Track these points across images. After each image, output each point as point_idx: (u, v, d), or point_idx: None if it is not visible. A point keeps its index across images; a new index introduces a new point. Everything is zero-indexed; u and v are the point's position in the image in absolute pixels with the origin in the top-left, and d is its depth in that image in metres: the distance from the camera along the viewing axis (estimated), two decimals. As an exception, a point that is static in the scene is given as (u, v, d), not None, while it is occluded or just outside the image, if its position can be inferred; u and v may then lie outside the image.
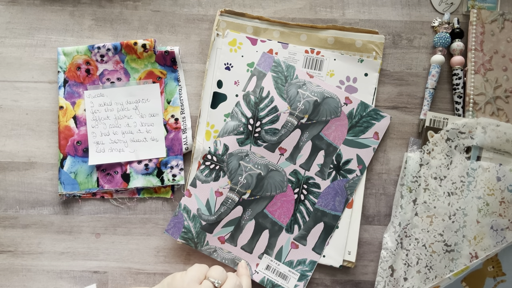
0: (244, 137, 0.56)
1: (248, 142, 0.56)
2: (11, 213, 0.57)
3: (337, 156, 0.55)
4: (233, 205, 0.55)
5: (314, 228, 0.55)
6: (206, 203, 0.55)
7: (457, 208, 0.55)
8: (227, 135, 0.56)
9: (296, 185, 0.55)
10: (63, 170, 0.57)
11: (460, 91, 0.57)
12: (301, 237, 0.55)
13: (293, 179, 0.55)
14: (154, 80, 0.58)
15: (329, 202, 0.55)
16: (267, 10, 0.59)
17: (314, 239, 0.55)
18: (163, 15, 0.59)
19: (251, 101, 0.56)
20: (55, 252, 0.57)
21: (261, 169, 0.55)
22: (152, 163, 0.57)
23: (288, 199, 0.55)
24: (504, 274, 0.51)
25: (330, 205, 0.55)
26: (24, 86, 0.58)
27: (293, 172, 0.55)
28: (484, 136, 0.55)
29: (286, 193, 0.55)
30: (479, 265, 0.51)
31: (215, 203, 0.55)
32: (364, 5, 0.59)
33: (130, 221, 0.58)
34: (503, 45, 0.57)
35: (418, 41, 0.59)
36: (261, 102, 0.56)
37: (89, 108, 0.57)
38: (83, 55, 0.57)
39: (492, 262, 0.51)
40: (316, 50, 0.57)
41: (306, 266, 0.55)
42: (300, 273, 0.54)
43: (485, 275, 0.51)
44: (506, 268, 0.51)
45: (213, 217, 0.55)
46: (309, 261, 0.55)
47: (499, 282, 0.51)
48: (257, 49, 0.58)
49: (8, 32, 0.59)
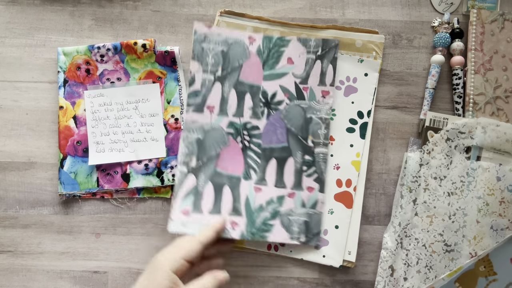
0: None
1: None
2: (11, 213, 0.57)
3: (263, 94, 0.56)
4: (184, 176, 0.54)
5: (268, 167, 0.56)
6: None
7: (457, 208, 0.55)
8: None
9: (236, 135, 0.56)
10: (63, 170, 0.57)
11: (460, 91, 0.57)
12: (260, 179, 0.56)
13: (232, 130, 0.56)
14: (154, 80, 0.58)
15: (272, 137, 0.56)
16: (267, 10, 0.59)
17: (272, 176, 0.56)
18: (163, 15, 0.59)
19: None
20: (55, 252, 0.57)
21: (197, 132, 0.55)
22: (152, 163, 0.57)
23: (234, 150, 0.56)
24: (496, 273, 0.52)
25: (274, 139, 0.56)
26: (24, 86, 0.58)
27: (230, 124, 0.56)
28: (484, 136, 0.55)
29: (230, 146, 0.56)
30: (471, 266, 0.51)
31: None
32: (364, 5, 0.59)
33: (130, 221, 0.58)
34: (503, 45, 0.57)
35: (418, 41, 0.59)
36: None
37: (89, 108, 0.57)
38: (83, 55, 0.57)
39: (484, 262, 0.52)
40: (316, 50, 0.58)
41: (276, 203, 0.55)
42: (272, 212, 0.55)
43: (477, 275, 0.52)
44: (497, 268, 0.51)
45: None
46: (277, 197, 0.55)
47: (491, 281, 0.51)
48: None
49: (8, 32, 0.59)
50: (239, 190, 0.55)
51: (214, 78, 0.56)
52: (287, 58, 0.56)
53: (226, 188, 0.55)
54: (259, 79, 0.56)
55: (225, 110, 0.56)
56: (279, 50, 0.56)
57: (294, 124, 0.56)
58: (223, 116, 0.56)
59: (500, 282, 0.52)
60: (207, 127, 0.55)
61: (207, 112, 0.56)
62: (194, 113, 0.55)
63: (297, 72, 0.57)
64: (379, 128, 0.58)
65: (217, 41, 0.56)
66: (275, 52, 0.56)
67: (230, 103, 0.56)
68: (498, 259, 0.51)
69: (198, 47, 0.56)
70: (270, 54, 0.56)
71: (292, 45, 0.56)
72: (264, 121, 0.56)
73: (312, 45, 0.56)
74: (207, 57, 0.56)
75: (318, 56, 0.56)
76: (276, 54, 0.56)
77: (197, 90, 0.55)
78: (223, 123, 0.56)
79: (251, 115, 0.56)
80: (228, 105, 0.56)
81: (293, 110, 0.56)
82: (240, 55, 0.56)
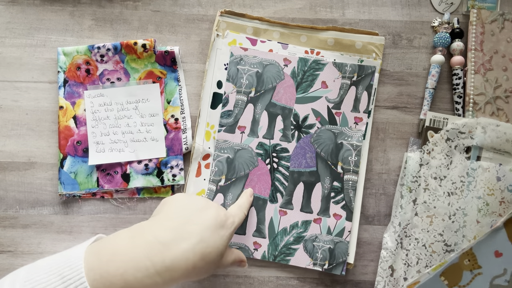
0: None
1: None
2: (11, 213, 0.57)
3: (294, 117, 0.56)
4: (213, 195, 0.56)
5: (295, 190, 0.56)
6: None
7: (457, 208, 0.55)
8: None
9: (265, 156, 0.56)
10: (63, 170, 0.57)
11: (460, 91, 0.57)
12: (286, 203, 0.56)
13: (261, 151, 0.56)
14: (154, 80, 0.58)
15: (301, 161, 0.56)
16: (267, 10, 0.59)
17: (298, 200, 0.56)
18: (163, 15, 0.59)
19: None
20: (55, 252, 0.57)
21: (228, 152, 0.56)
22: (152, 163, 0.57)
23: (262, 171, 0.56)
24: (480, 266, 0.52)
25: (303, 163, 0.56)
26: (24, 86, 0.58)
27: (259, 145, 0.56)
28: (484, 136, 0.55)
29: (259, 167, 0.56)
30: (456, 259, 0.51)
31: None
32: (364, 5, 0.59)
33: (130, 221, 0.58)
34: (503, 45, 0.57)
35: (418, 41, 0.59)
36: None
37: (89, 108, 0.57)
38: (83, 55, 0.57)
39: (468, 256, 0.52)
40: (316, 50, 0.57)
41: (300, 227, 0.55)
42: (296, 236, 0.55)
43: (462, 268, 0.52)
44: (482, 261, 0.51)
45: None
46: (301, 222, 0.55)
47: (476, 275, 0.51)
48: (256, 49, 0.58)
49: (8, 32, 0.59)
50: (264, 212, 0.56)
51: (247, 99, 0.56)
52: (321, 82, 0.56)
53: (251, 209, 0.56)
54: (292, 101, 0.56)
55: (255, 131, 0.56)
56: (313, 74, 0.56)
57: (324, 149, 0.56)
58: (253, 137, 0.56)
59: (485, 275, 0.52)
60: (237, 147, 0.56)
61: (238, 132, 0.56)
62: (225, 133, 0.56)
63: (330, 96, 0.56)
64: (379, 128, 0.58)
65: (252, 62, 0.57)
66: (310, 75, 0.56)
67: (261, 125, 0.56)
68: (482, 253, 0.51)
69: (233, 68, 0.57)
70: (305, 77, 0.56)
71: (327, 69, 0.56)
72: (294, 144, 0.56)
73: (348, 70, 0.56)
74: (242, 79, 0.56)
75: (353, 82, 0.56)
76: (311, 77, 0.56)
77: (230, 110, 0.56)
78: (253, 144, 0.56)
79: (281, 138, 0.56)
80: (259, 126, 0.56)
81: (324, 135, 0.56)
82: (274, 76, 0.56)
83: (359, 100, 0.56)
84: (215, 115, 0.57)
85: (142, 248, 0.39)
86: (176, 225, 0.41)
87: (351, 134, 0.56)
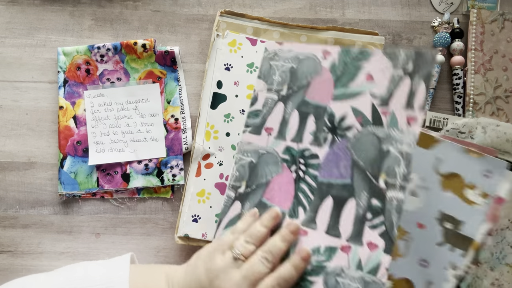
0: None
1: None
2: (11, 213, 0.57)
3: (329, 117, 0.46)
4: (231, 202, 0.50)
5: (322, 206, 0.45)
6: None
7: (457, 208, 0.55)
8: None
9: (291, 162, 0.47)
10: (63, 170, 0.57)
11: (460, 91, 0.57)
12: (309, 221, 0.45)
13: (287, 157, 0.48)
14: (154, 80, 0.58)
15: (333, 170, 0.45)
16: (267, 10, 0.59)
17: (325, 219, 0.44)
18: (163, 15, 0.59)
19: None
20: (55, 252, 0.57)
21: (251, 156, 0.49)
22: (152, 163, 0.57)
23: (285, 180, 0.47)
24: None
25: (335, 173, 0.45)
26: (24, 86, 0.58)
27: (286, 149, 0.48)
28: (484, 136, 0.55)
29: (283, 174, 0.47)
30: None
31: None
32: (364, 5, 0.59)
33: (130, 221, 0.58)
34: (503, 45, 0.57)
35: (418, 41, 0.59)
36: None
37: (89, 108, 0.57)
38: (83, 55, 0.57)
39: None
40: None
41: (322, 254, 0.43)
42: (316, 265, 0.43)
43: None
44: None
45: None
46: (325, 247, 0.43)
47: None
48: (256, 50, 0.57)
49: (8, 32, 0.59)
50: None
51: (277, 98, 0.49)
52: (366, 74, 0.45)
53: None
54: (328, 98, 0.47)
55: (283, 134, 0.48)
56: (356, 64, 0.46)
57: (364, 157, 0.44)
58: (280, 139, 0.48)
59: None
60: (262, 151, 0.49)
61: (265, 134, 0.49)
62: (251, 134, 0.50)
63: (377, 91, 0.44)
64: (379, 128, 0.58)
65: (287, 57, 0.50)
66: (352, 66, 0.46)
67: (291, 126, 0.48)
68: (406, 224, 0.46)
69: (266, 64, 0.51)
70: (346, 69, 0.46)
71: (375, 58, 0.45)
72: (326, 149, 0.46)
73: (402, 58, 0.43)
74: (274, 75, 0.50)
75: (407, 72, 0.43)
76: (353, 70, 0.46)
77: (258, 110, 0.50)
78: (279, 147, 0.48)
79: (311, 141, 0.47)
80: (287, 128, 0.48)
81: (365, 139, 0.44)
82: (310, 71, 0.48)
83: (414, 94, 0.42)
84: (215, 115, 0.57)
85: None
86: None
87: (401, 138, 0.42)
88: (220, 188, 0.57)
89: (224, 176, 0.57)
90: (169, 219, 0.57)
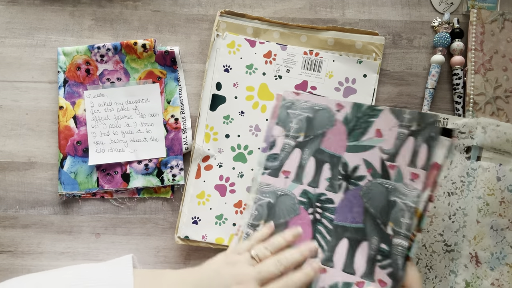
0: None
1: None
2: (11, 213, 0.57)
3: (343, 166, 0.51)
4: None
5: (338, 247, 0.49)
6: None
7: (457, 208, 0.55)
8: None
9: (308, 205, 0.51)
10: (63, 170, 0.57)
11: (460, 91, 0.57)
12: (327, 259, 0.49)
13: (304, 199, 0.52)
14: (154, 80, 0.58)
15: (347, 215, 0.50)
16: (267, 10, 0.59)
17: (341, 258, 0.49)
18: (163, 15, 0.59)
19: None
20: (55, 252, 0.57)
21: (270, 196, 0.52)
22: (152, 163, 0.57)
23: (303, 221, 0.51)
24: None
25: (349, 218, 0.50)
26: (24, 86, 0.58)
27: (303, 193, 0.52)
28: (484, 136, 0.55)
29: (301, 216, 0.51)
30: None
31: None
32: (364, 5, 0.59)
33: (130, 221, 0.58)
34: (503, 45, 0.57)
35: (418, 41, 0.59)
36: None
37: (89, 108, 0.57)
38: (83, 55, 0.57)
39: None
40: (315, 51, 0.57)
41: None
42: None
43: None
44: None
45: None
46: (342, 283, 0.48)
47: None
48: (255, 51, 0.57)
49: (8, 32, 0.59)
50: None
51: (294, 144, 0.53)
52: (375, 130, 0.50)
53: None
54: (342, 149, 0.51)
55: (300, 178, 0.52)
56: (368, 120, 0.51)
57: (374, 205, 0.49)
58: (297, 183, 0.52)
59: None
60: (280, 192, 0.52)
61: (282, 176, 0.53)
62: (269, 176, 0.53)
63: (385, 147, 0.49)
64: (379, 128, 0.58)
65: (304, 107, 0.53)
66: (364, 122, 0.51)
67: (307, 171, 0.52)
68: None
69: (284, 112, 0.54)
70: (358, 124, 0.51)
71: (384, 115, 0.50)
72: (341, 195, 0.50)
73: (406, 118, 0.49)
74: (291, 122, 0.53)
75: (412, 132, 0.48)
76: (364, 125, 0.51)
77: (276, 154, 0.53)
78: (297, 190, 0.52)
79: (327, 187, 0.51)
80: (304, 173, 0.52)
81: (375, 189, 0.49)
82: (325, 122, 0.52)
83: (417, 153, 0.48)
84: (214, 117, 0.57)
85: None
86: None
87: (407, 192, 0.47)
88: (220, 190, 0.57)
89: (223, 178, 0.57)
90: (169, 219, 0.57)
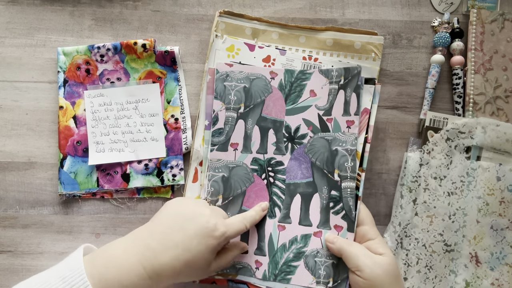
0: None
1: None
2: (11, 213, 0.57)
3: (286, 128, 0.55)
4: None
5: (292, 203, 0.54)
6: None
7: (457, 208, 0.55)
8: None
9: (261, 171, 0.55)
10: (63, 170, 0.57)
11: (460, 91, 0.57)
12: (284, 217, 0.54)
13: (256, 167, 0.55)
14: (154, 80, 0.58)
15: (297, 172, 0.55)
16: (267, 10, 0.59)
17: (296, 213, 0.54)
18: (163, 15, 0.59)
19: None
20: (55, 252, 0.57)
21: (223, 171, 0.55)
22: (152, 163, 0.57)
23: (259, 187, 0.55)
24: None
25: (299, 174, 0.54)
26: (24, 86, 0.58)
27: (253, 161, 0.55)
28: (484, 136, 0.55)
29: (256, 183, 0.55)
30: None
31: None
32: (364, 5, 0.59)
33: (130, 221, 0.58)
34: (503, 45, 0.57)
35: (418, 41, 0.59)
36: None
37: (89, 108, 0.57)
38: (83, 55, 0.57)
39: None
40: (314, 57, 0.57)
41: (299, 242, 0.53)
42: (296, 252, 0.53)
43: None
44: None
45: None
46: (301, 236, 0.54)
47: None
48: (254, 55, 0.57)
49: (8, 32, 0.59)
50: (264, 229, 0.54)
51: (237, 115, 0.55)
52: (309, 91, 0.55)
53: (252, 228, 0.54)
54: (282, 113, 0.55)
55: (249, 147, 0.55)
56: (301, 84, 0.56)
57: (319, 158, 0.54)
58: (247, 153, 0.55)
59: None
60: (232, 165, 0.55)
61: (231, 149, 0.55)
62: (218, 151, 0.55)
63: (320, 104, 0.55)
64: (379, 128, 0.58)
65: (239, 78, 0.56)
66: (297, 85, 0.56)
67: (254, 140, 0.55)
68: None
69: (220, 85, 0.55)
70: (293, 88, 0.56)
71: (314, 77, 0.55)
72: (288, 155, 0.55)
73: (334, 75, 0.55)
74: (229, 95, 0.55)
75: (341, 85, 0.55)
76: (299, 88, 0.55)
77: (221, 128, 0.55)
78: (247, 160, 0.55)
79: (274, 151, 0.55)
80: (251, 142, 0.55)
81: (318, 143, 0.55)
82: (262, 90, 0.56)
83: (348, 103, 0.54)
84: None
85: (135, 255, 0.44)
86: (165, 233, 0.45)
87: (345, 139, 0.54)
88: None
89: None
90: (169, 219, 0.57)
